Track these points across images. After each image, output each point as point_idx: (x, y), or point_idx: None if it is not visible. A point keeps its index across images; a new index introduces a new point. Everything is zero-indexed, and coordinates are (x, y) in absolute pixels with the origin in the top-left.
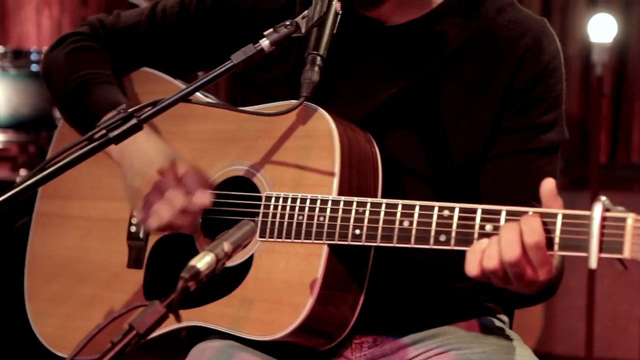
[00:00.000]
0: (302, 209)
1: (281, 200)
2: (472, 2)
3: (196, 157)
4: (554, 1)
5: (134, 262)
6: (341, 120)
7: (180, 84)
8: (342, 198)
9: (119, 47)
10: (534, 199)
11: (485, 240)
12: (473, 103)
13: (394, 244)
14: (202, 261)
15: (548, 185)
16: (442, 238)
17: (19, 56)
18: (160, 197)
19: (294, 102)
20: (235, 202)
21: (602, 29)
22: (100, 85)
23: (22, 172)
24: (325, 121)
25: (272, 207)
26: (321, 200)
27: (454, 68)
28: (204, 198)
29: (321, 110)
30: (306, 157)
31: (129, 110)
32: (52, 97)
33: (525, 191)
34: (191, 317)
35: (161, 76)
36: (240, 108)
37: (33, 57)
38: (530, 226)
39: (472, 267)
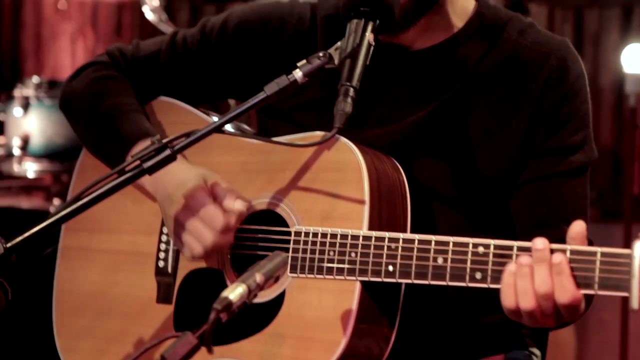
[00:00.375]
0: (332, 244)
1: (311, 235)
2: (493, 26)
3: None
4: (586, 31)
5: (163, 297)
6: (367, 150)
7: (201, 114)
8: (374, 233)
9: (140, 76)
10: (565, 223)
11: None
12: (500, 126)
13: (429, 281)
14: (235, 292)
15: (578, 227)
16: (478, 276)
17: (53, 86)
18: (194, 218)
19: (324, 133)
20: (263, 236)
21: (635, 59)
22: (128, 114)
23: (56, 201)
24: (352, 154)
25: (302, 242)
26: (352, 235)
27: (479, 91)
28: (241, 205)
29: (348, 142)
30: (335, 190)
31: (163, 141)
32: (73, 127)
33: (556, 216)
34: (223, 354)
35: (182, 106)
36: (273, 139)
37: None
38: (562, 284)
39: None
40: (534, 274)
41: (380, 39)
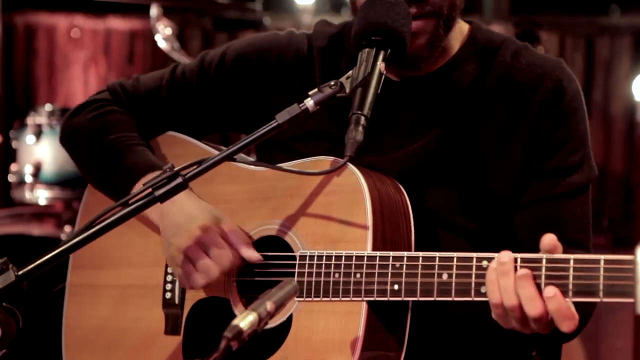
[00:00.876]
0: (337, 266)
1: (316, 258)
2: (487, 48)
3: None
4: (597, 59)
5: (171, 329)
6: (369, 172)
7: (205, 146)
8: (378, 253)
9: (142, 112)
10: (569, 245)
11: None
12: (500, 149)
13: (435, 298)
14: (245, 320)
15: (547, 239)
16: (483, 290)
17: (66, 114)
18: (203, 254)
19: (332, 158)
20: (269, 262)
21: None
22: (132, 147)
23: (67, 228)
24: (354, 176)
25: (307, 266)
26: (356, 256)
27: (477, 115)
28: (252, 255)
29: (350, 166)
30: (338, 213)
31: (175, 169)
32: (76, 162)
33: (558, 238)
34: None
35: (185, 139)
36: (283, 167)
37: None
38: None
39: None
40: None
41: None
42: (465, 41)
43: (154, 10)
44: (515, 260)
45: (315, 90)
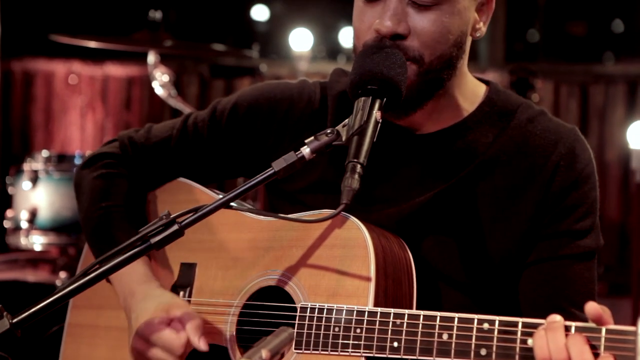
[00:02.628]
0: (338, 320)
1: (317, 311)
2: (503, 112)
3: (228, 266)
4: (592, 107)
5: None
6: (374, 228)
7: (210, 192)
8: (379, 309)
9: (149, 163)
10: (573, 307)
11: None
12: (508, 210)
13: (434, 358)
14: None
15: (591, 309)
16: (483, 352)
17: (62, 160)
18: (148, 346)
19: (331, 211)
20: (269, 312)
21: None
22: (118, 222)
23: (62, 274)
24: (359, 231)
25: (307, 318)
26: (357, 311)
27: (488, 175)
28: (200, 345)
29: (355, 220)
30: (341, 266)
31: (172, 216)
32: (79, 214)
33: (564, 299)
34: None
35: (191, 184)
36: (280, 215)
37: (76, 161)
38: (580, 349)
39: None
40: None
41: (389, 121)
42: (481, 102)
43: (152, 58)
44: (516, 324)
45: (312, 138)
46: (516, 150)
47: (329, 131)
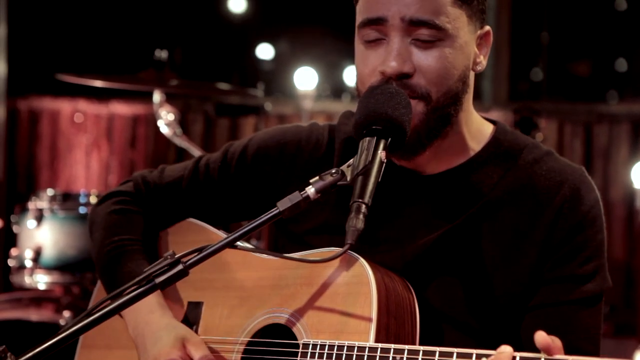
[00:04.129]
0: (339, 356)
1: (318, 347)
2: (509, 153)
3: (235, 305)
4: (596, 146)
5: None
6: (379, 268)
7: (220, 233)
8: (379, 345)
9: (161, 203)
10: (576, 353)
11: None
12: (512, 251)
13: None
14: None
15: (540, 338)
16: None
17: (67, 199)
18: None
19: (337, 249)
20: (273, 349)
21: None
22: (131, 255)
23: (66, 313)
24: (362, 268)
25: (309, 354)
26: (358, 347)
27: (492, 216)
28: None
29: (359, 258)
30: (344, 304)
31: (176, 256)
32: (92, 250)
33: (566, 345)
34: None
35: (201, 225)
36: (285, 255)
37: (81, 199)
38: None
39: None
40: None
41: (394, 163)
42: (487, 142)
43: (157, 96)
44: (514, 359)
45: (317, 178)
46: (521, 191)
47: (333, 171)
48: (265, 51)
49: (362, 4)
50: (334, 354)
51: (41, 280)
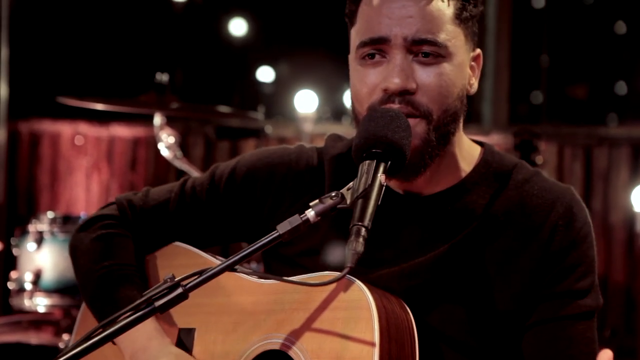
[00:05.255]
0: None
1: None
2: (499, 173)
3: (229, 330)
4: (596, 169)
5: None
6: (376, 290)
7: (207, 256)
8: None
9: (149, 226)
10: None
11: None
12: (507, 270)
13: None
14: None
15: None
16: None
17: (67, 222)
18: None
19: (336, 273)
20: None
21: None
22: (125, 279)
23: (65, 337)
24: (362, 293)
25: None
26: None
27: (487, 236)
28: None
29: (358, 282)
30: (344, 329)
31: (176, 279)
32: (75, 276)
33: (568, 358)
34: None
35: (188, 248)
36: (284, 278)
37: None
38: None
39: None
40: None
41: (391, 187)
42: (477, 163)
43: (157, 119)
44: None
45: (317, 201)
46: (514, 211)
47: (333, 194)
48: (265, 74)
49: (362, 25)
50: None
51: (41, 303)
